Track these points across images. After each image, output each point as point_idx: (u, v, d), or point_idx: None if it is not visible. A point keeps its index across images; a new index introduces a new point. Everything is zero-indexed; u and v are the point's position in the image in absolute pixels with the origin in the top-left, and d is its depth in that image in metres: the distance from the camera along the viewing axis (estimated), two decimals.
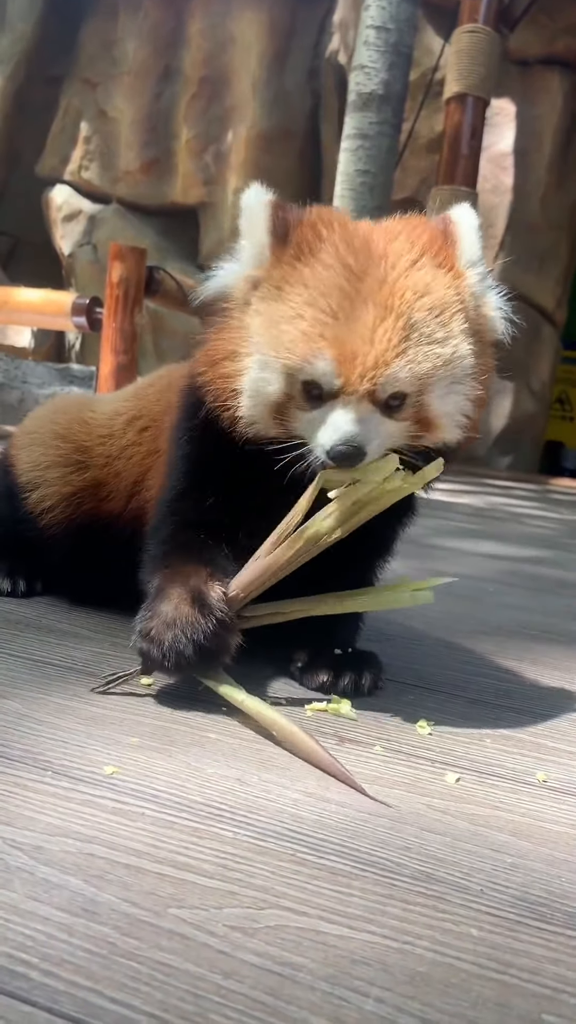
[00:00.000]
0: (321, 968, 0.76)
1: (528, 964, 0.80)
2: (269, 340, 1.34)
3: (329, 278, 1.31)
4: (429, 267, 1.35)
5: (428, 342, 1.30)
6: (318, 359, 1.28)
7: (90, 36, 11.56)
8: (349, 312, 1.28)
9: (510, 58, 9.34)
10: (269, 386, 1.35)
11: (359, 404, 1.29)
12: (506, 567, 3.40)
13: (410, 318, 1.29)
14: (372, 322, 1.27)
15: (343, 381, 1.28)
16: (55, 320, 6.41)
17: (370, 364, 1.26)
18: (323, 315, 1.29)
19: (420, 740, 1.35)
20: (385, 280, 1.30)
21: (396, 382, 1.29)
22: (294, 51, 10.88)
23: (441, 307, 1.33)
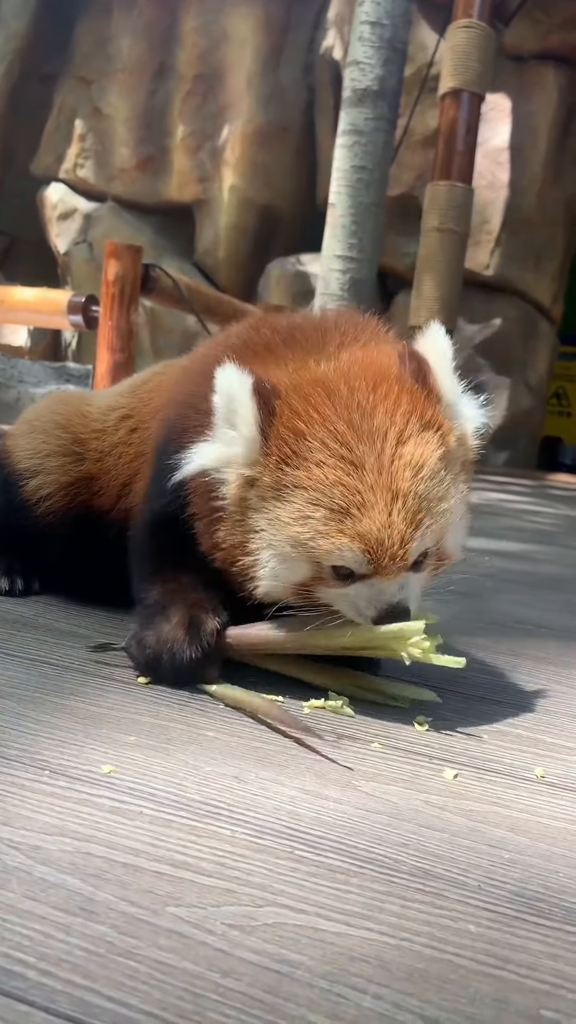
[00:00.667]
0: (319, 965, 0.76)
1: (526, 960, 0.80)
2: (285, 539, 1.36)
3: (326, 477, 1.33)
4: (416, 434, 1.37)
5: (435, 505, 1.36)
6: (344, 551, 1.32)
7: (84, 34, 11.54)
8: (360, 504, 1.32)
9: (505, 53, 9.33)
10: (294, 573, 1.38)
11: (396, 578, 1.35)
12: (503, 563, 3.40)
13: (416, 493, 1.34)
14: (385, 508, 1.31)
15: (375, 567, 1.33)
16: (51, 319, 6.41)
17: (397, 546, 1.32)
18: (333, 513, 1.32)
19: (418, 736, 1.36)
20: (382, 465, 1.33)
21: (420, 549, 1.36)
22: (289, 47, 10.87)
23: (436, 469, 1.37)
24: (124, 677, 1.46)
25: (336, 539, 1.32)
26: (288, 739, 1.28)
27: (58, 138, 11.59)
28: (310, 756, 1.23)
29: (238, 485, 1.39)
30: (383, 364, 1.43)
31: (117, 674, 1.47)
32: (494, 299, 10.09)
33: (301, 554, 1.35)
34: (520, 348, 10.31)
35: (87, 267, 10.95)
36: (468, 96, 7.66)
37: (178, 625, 1.43)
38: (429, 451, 1.37)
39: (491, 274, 10.02)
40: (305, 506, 1.34)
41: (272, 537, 1.37)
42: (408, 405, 1.38)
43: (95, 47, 11.46)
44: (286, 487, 1.35)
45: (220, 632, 1.44)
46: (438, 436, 1.39)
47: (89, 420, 1.92)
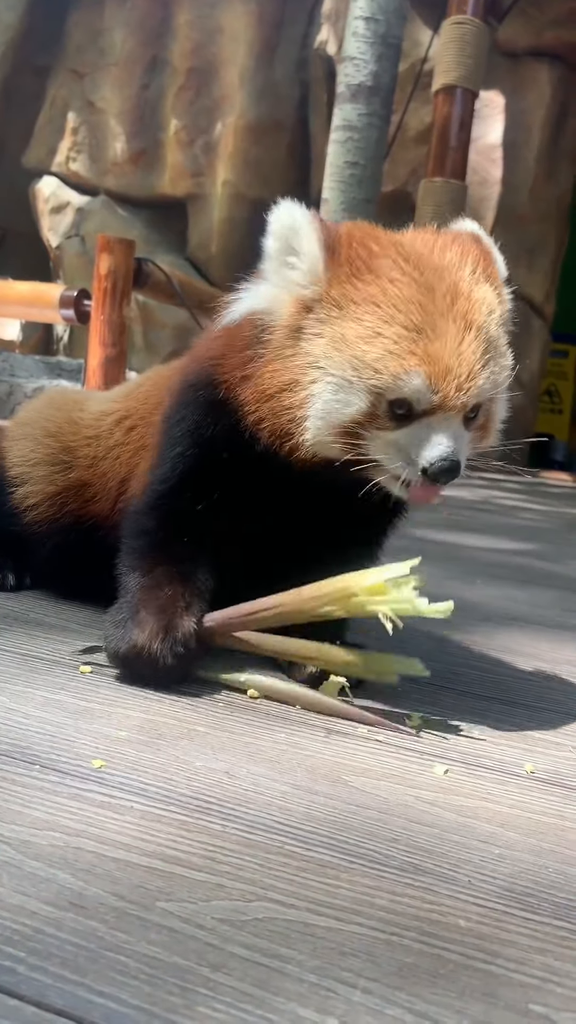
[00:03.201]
0: (309, 960, 0.76)
1: (515, 954, 0.81)
2: (347, 361, 1.30)
3: (401, 293, 1.29)
4: (483, 281, 1.38)
5: (499, 354, 1.35)
6: (412, 376, 1.27)
7: (77, 26, 11.48)
8: (433, 327, 1.27)
9: (499, 50, 9.32)
10: (348, 408, 1.32)
11: (455, 419, 1.31)
12: (495, 559, 3.41)
13: (487, 331, 1.32)
14: (458, 335, 1.28)
15: (440, 398, 1.28)
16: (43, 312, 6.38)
17: (464, 378, 1.27)
18: (407, 331, 1.27)
19: (409, 733, 1.36)
20: (458, 293, 1.31)
21: (484, 393, 1.32)
22: (283, 42, 10.83)
23: (501, 320, 1.38)
24: (114, 671, 1.46)
25: (406, 360, 1.26)
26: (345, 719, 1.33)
27: (50, 131, 11.53)
28: (302, 751, 1.23)
29: (292, 313, 1.36)
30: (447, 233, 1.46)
31: (107, 669, 1.47)
32: None
33: (362, 380, 1.29)
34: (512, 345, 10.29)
35: (79, 261, 10.90)
36: (462, 92, 7.66)
37: (152, 635, 1.38)
38: (496, 300, 1.38)
39: None
40: (376, 323, 1.28)
41: (330, 362, 1.31)
42: (476, 255, 1.40)
43: (88, 40, 11.40)
44: (355, 303, 1.30)
45: (197, 630, 1.41)
46: (498, 292, 1.41)
47: (81, 427, 1.88)
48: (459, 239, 1.43)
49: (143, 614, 1.41)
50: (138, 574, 1.50)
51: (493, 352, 1.33)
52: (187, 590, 1.45)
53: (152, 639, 1.38)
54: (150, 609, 1.42)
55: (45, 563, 1.89)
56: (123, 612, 1.45)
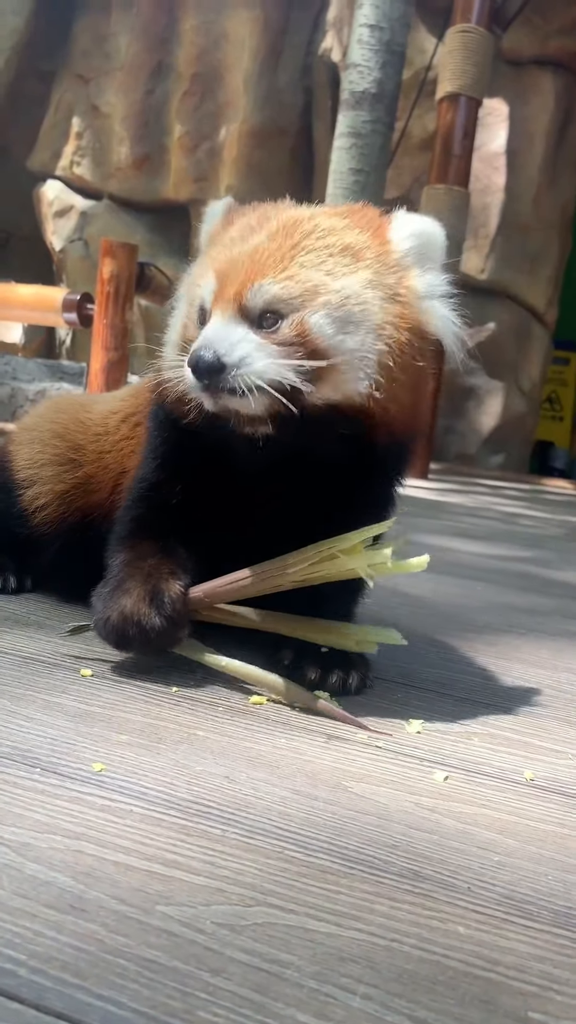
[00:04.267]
0: (308, 965, 0.76)
1: (514, 962, 0.81)
2: (186, 284, 1.49)
3: (239, 227, 1.41)
4: (350, 226, 1.39)
5: (316, 269, 1.32)
6: (204, 280, 1.37)
7: (83, 31, 11.52)
8: (242, 239, 1.37)
9: (503, 58, 9.35)
10: (176, 326, 1.48)
11: (225, 316, 1.32)
12: (495, 566, 3.41)
13: (301, 245, 1.33)
14: (255, 246, 1.35)
15: (215, 296, 1.34)
16: (46, 316, 6.40)
17: (242, 278, 1.32)
18: (224, 249, 1.39)
19: (408, 738, 1.36)
20: (284, 223, 1.37)
21: (264, 294, 1.31)
22: (287, 48, 10.87)
23: (347, 251, 1.35)
24: (115, 676, 1.46)
25: (205, 271, 1.39)
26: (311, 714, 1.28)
27: (55, 135, 11.57)
28: (302, 756, 1.23)
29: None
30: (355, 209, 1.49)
31: (108, 672, 1.47)
32: (489, 303, 10.11)
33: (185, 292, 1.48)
34: (514, 352, 10.33)
35: (82, 264, 10.93)
36: (465, 100, 7.68)
37: (139, 599, 1.42)
38: (351, 236, 1.37)
39: (486, 278, 10.04)
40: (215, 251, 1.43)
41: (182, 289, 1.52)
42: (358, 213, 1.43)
43: (94, 45, 11.44)
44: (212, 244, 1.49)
45: (183, 594, 1.44)
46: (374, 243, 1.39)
47: (89, 426, 1.92)
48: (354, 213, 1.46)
49: (129, 583, 1.45)
50: (123, 552, 1.55)
51: (303, 263, 1.32)
52: (171, 560, 1.49)
53: (139, 602, 1.42)
54: (136, 578, 1.46)
55: (49, 564, 1.90)
56: (109, 585, 1.49)
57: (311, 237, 1.34)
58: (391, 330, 1.37)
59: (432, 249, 1.45)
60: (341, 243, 1.35)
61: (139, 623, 1.41)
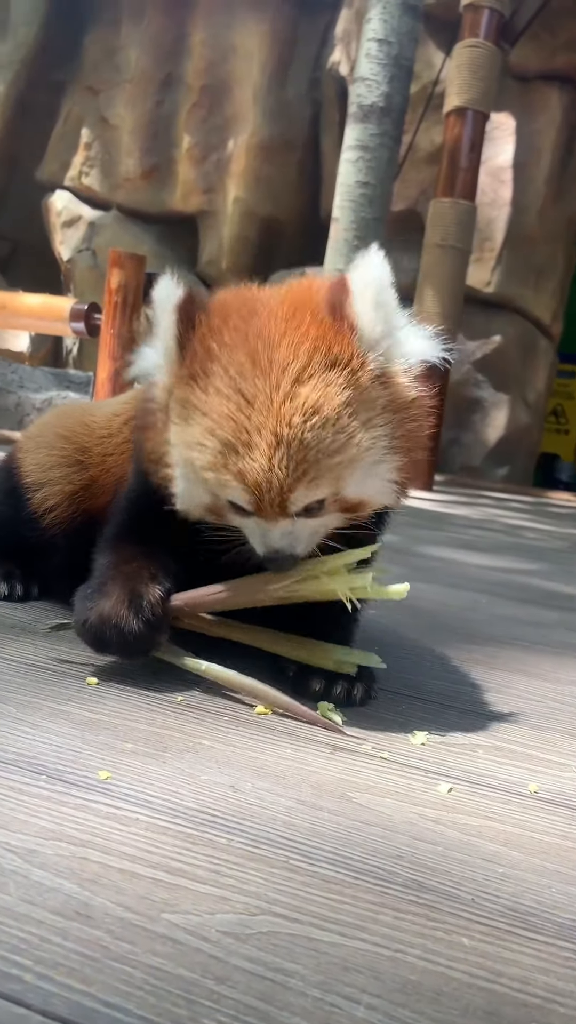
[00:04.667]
0: (313, 975, 0.76)
1: (518, 974, 0.81)
2: (186, 461, 1.39)
3: (222, 407, 1.32)
4: (319, 373, 1.31)
5: (327, 455, 1.31)
6: (228, 488, 1.34)
7: (93, 43, 11.60)
8: (247, 443, 1.30)
9: (510, 73, 9.39)
10: (197, 499, 1.43)
11: (279, 521, 1.35)
12: (499, 578, 3.41)
13: (301, 442, 1.29)
14: (267, 452, 1.30)
15: (255, 508, 1.34)
16: (53, 325, 6.42)
17: (275, 492, 1.31)
18: (223, 447, 1.32)
19: (413, 750, 1.36)
20: (271, 406, 1.29)
21: (304, 500, 1.34)
22: (296, 62, 10.92)
23: (336, 416, 1.31)
24: (121, 684, 1.47)
25: (222, 474, 1.33)
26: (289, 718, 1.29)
27: (64, 146, 11.63)
28: (307, 766, 1.23)
29: (163, 391, 1.44)
30: (310, 292, 1.39)
31: (115, 680, 1.48)
32: (494, 316, 10.12)
33: (199, 480, 1.38)
34: (519, 365, 10.33)
35: (90, 274, 10.97)
36: (473, 114, 7.71)
37: (118, 601, 1.43)
38: (330, 394, 1.30)
39: (492, 291, 10.06)
40: (201, 434, 1.34)
41: (179, 456, 1.41)
42: (316, 339, 1.32)
43: (103, 57, 11.51)
44: (191, 407, 1.36)
45: (164, 600, 1.45)
46: (346, 375, 1.32)
47: (94, 428, 1.94)
48: (308, 318, 1.35)
49: (110, 585, 1.47)
50: (107, 554, 1.57)
51: (317, 459, 1.30)
52: (152, 564, 1.50)
53: (119, 605, 1.43)
54: (117, 581, 1.47)
55: (56, 569, 1.91)
56: (91, 586, 1.51)
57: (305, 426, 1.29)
58: (396, 426, 1.40)
59: (385, 299, 1.37)
60: (332, 412, 1.31)
61: (117, 626, 1.42)
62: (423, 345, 1.44)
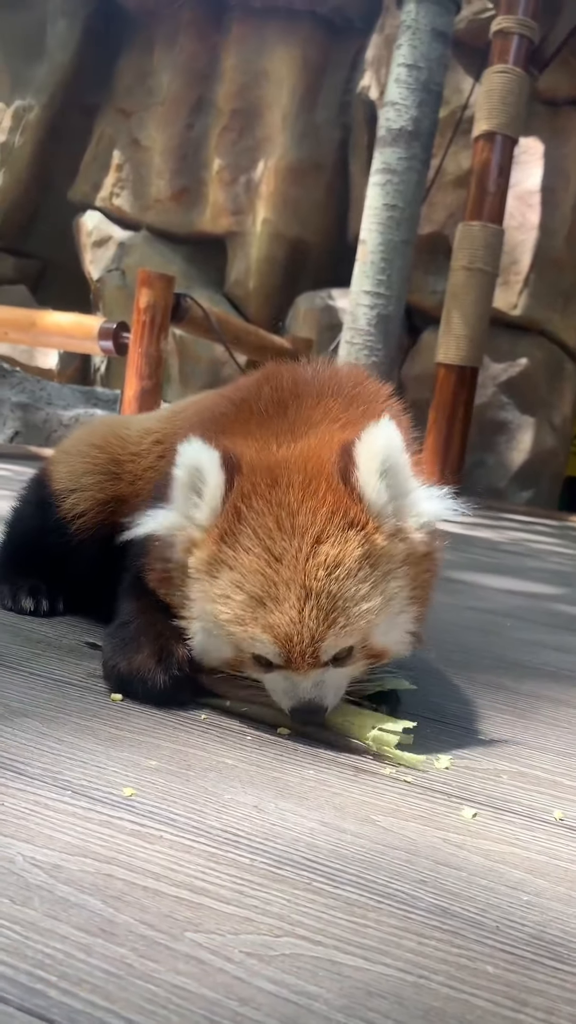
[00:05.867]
0: (336, 999, 0.76)
1: (543, 1004, 0.80)
2: (209, 614, 1.40)
3: (250, 563, 1.36)
4: (337, 533, 1.38)
5: (353, 604, 1.35)
6: (256, 642, 1.35)
7: (126, 67, 11.78)
8: (275, 597, 1.34)
9: (539, 98, 9.42)
10: (218, 652, 1.43)
11: (309, 672, 1.36)
12: (524, 603, 3.38)
13: (328, 591, 1.34)
14: (296, 604, 1.33)
15: (285, 660, 1.35)
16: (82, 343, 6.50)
17: (307, 643, 1.33)
18: (251, 600, 1.35)
19: (437, 774, 1.35)
20: (298, 562, 1.35)
21: (335, 648, 1.36)
22: (326, 86, 11.03)
23: (357, 567, 1.37)
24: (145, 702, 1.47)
25: (250, 627, 1.35)
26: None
27: (96, 167, 11.80)
28: (330, 788, 1.23)
29: (183, 549, 1.45)
30: (323, 459, 1.44)
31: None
32: (521, 339, 10.11)
33: (222, 635, 1.39)
34: (545, 388, 10.30)
35: (119, 294, 11.08)
36: (501, 139, 7.75)
37: (149, 656, 1.47)
38: (348, 550, 1.37)
39: (518, 314, 10.05)
40: (229, 586, 1.38)
41: (200, 610, 1.43)
42: (332, 504, 1.39)
43: (136, 81, 11.69)
44: (218, 563, 1.40)
45: (191, 659, 1.47)
46: (361, 534, 1.39)
47: (127, 442, 1.97)
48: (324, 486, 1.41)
49: (143, 639, 1.50)
50: (134, 600, 1.59)
51: (344, 608, 1.35)
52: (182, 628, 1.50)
53: (149, 660, 1.47)
54: (149, 635, 1.50)
55: (80, 578, 1.92)
56: (121, 634, 1.53)
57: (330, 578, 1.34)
58: (413, 578, 1.45)
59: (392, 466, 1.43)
60: (354, 565, 1.36)
61: (144, 680, 1.46)
62: (433, 505, 1.48)
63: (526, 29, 7.74)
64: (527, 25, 7.74)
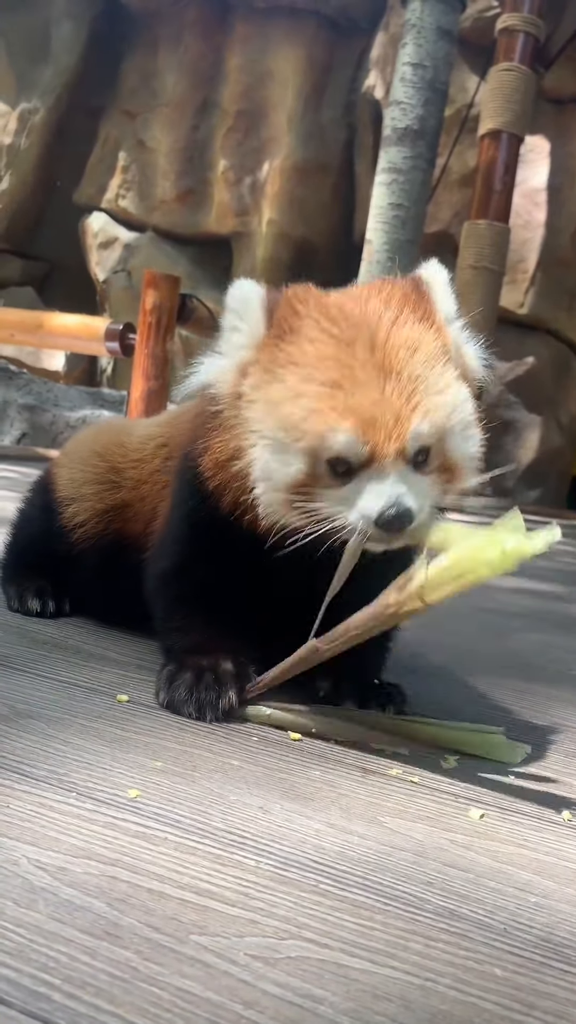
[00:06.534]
0: (342, 1002, 0.75)
1: (552, 1007, 0.79)
2: (277, 423, 1.31)
3: (318, 351, 1.30)
4: (411, 322, 1.34)
5: (434, 392, 1.30)
6: (337, 433, 1.26)
7: (131, 69, 11.80)
8: (352, 379, 1.27)
9: (545, 96, 9.40)
10: (287, 468, 1.31)
11: (395, 466, 1.27)
12: (532, 603, 3.37)
13: (412, 373, 1.28)
14: (378, 384, 1.26)
15: (371, 448, 1.26)
16: (89, 345, 6.51)
17: (392, 424, 1.25)
18: (326, 388, 1.27)
19: (444, 775, 1.34)
20: (375, 342, 1.29)
21: (420, 436, 1.28)
22: (331, 86, 11.03)
23: (434, 359, 1.32)
24: (151, 702, 1.47)
25: (328, 417, 1.26)
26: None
27: (102, 169, 11.82)
28: (336, 789, 1.22)
29: (233, 380, 1.38)
30: (382, 283, 1.43)
31: (144, 698, 1.48)
32: (527, 337, 10.08)
33: (295, 441, 1.29)
34: (552, 387, 10.27)
35: (125, 295, 11.10)
36: (507, 137, 7.73)
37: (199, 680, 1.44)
38: (427, 340, 1.32)
39: (525, 313, 10.03)
40: (297, 383, 1.29)
41: (263, 426, 1.33)
42: (403, 299, 1.36)
43: (141, 82, 11.71)
44: (279, 365, 1.32)
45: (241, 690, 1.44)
46: (438, 334, 1.36)
47: (128, 450, 1.94)
48: (389, 287, 1.40)
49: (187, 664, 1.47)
50: (179, 636, 1.56)
51: (425, 391, 1.29)
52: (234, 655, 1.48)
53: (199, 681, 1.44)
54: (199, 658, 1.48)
55: (85, 584, 1.92)
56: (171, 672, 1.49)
57: (411, 359, 1.29)
58: (473, 401, 1.40)
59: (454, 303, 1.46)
60: (431, 354, 1.32)
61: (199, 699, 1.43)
62: (474, 350, 1.48)
63: (531, 27, 7.72)
64: (532, 23, 7.72)
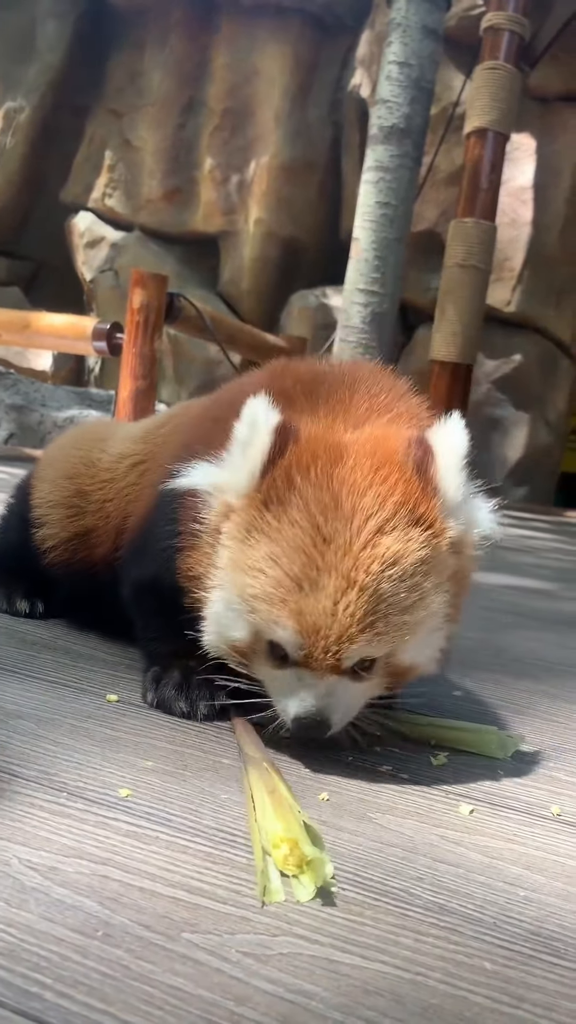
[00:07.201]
0: (334, 997, 0.76)
1: (542, 999, 0.80)
2: (234, 584, 1.28)
3: (294, 538, 1.23)
4: (402, 527, 1.25)
5: (397, 611, 1.22)
6: (279, 626, 1.23)
7: (117, 68, 11.76)
8: (313, 582, 1.21)
9: (530, 95, 9.43)
10: (233, 631, 1.31)
11: (324, 676, 1.23)
12: (521, 599, 3.39)
13: (376, 591, 1.20)
14: (335, 595, 1.20)
15: (306, 655, 1.22)
16: (76, 344, 6.49)
17: (333, 639, 1.20)
18: (287, 579, 1.22)
19: (434, 771, 1.35)
20: (351, 547, 1.21)
21: (361, 654, 1.23)
22: (317, 85, 11.03)
23: (412, 572, 1.24)
24: (140, 701, 1.47)
25: (277, 608, 1.22)
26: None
27: (88, 168, 11.78)
28: (327, 787, 1.22)
29: (219, 512, 1.33)
30: (392, 446, 1.31)
31: (134, 698, 1.48)
32: (515, 335, 10.12)
33: (244, 611, 1.27)
34: (540, 384, 10.31)
35: (112, 294, 11.07)
36: (493, 135, 7.73)
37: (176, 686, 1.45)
38: (411, 549, 1.24)
39: (512, 310, 10.06)
40: (263, 559, 1.24)
41: (226, 578, 1.30)
42: (402, 495, 1.26)
43: (127, 81, 11.67)
44: (257, 530, 1.27)
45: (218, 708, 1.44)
46: (427, 535, 1.27)
47: (98, 470, 1.89)
48: (396, 474, 1.28)
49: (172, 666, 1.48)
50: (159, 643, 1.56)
51: (385, 610, 1.21)
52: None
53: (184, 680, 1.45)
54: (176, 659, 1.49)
55: (65, 599, 1.94)
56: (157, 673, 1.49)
57: (382, 575, 1.21)
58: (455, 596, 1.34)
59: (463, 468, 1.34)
60: (410, 567, 1.23)
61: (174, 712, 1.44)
62: (487, 518, 1.38)
63: (516, 25, 7.73)
64: (517, 21, 7.73)
